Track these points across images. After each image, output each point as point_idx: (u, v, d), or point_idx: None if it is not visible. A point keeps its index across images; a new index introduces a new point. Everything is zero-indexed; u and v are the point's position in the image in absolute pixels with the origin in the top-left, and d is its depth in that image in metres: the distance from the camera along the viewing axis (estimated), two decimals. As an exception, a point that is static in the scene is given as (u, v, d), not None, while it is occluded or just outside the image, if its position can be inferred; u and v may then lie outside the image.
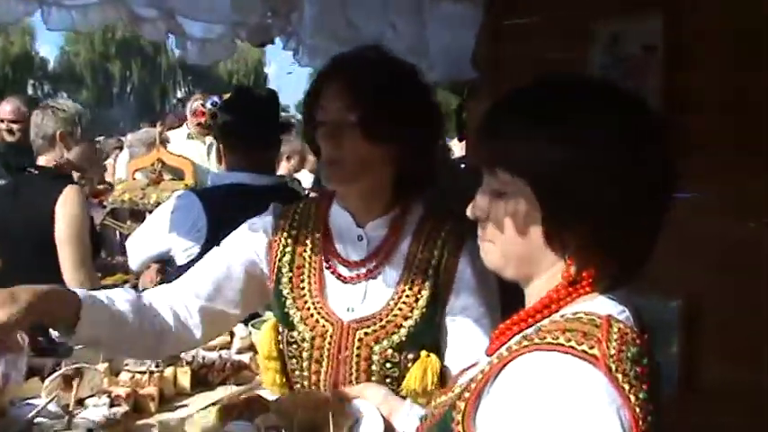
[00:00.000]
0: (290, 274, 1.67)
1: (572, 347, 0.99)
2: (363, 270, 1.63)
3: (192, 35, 2.32)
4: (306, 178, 6.98)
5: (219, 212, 2.60)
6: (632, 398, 0.96)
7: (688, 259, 2.26)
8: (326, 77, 1.59)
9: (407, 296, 1.60)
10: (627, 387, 0.97)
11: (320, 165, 1.65)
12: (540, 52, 2.76)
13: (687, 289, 2.49)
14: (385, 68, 1.59)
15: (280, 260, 1.69)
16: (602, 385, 0.96)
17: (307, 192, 5.66)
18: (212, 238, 2.46)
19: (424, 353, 1.58)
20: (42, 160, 3.13)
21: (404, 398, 1.56)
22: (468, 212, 1.16)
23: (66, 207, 2.96)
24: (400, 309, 1.60)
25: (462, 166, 3.57)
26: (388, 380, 1.60)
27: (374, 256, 1.63)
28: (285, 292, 1.68)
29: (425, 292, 1.59)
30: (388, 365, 1.59)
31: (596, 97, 1.11)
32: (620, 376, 0.97)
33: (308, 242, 1.69)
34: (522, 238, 1.10)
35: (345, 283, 1.64)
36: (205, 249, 2.53)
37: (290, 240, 1.70)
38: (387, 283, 1.62)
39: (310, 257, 1.67)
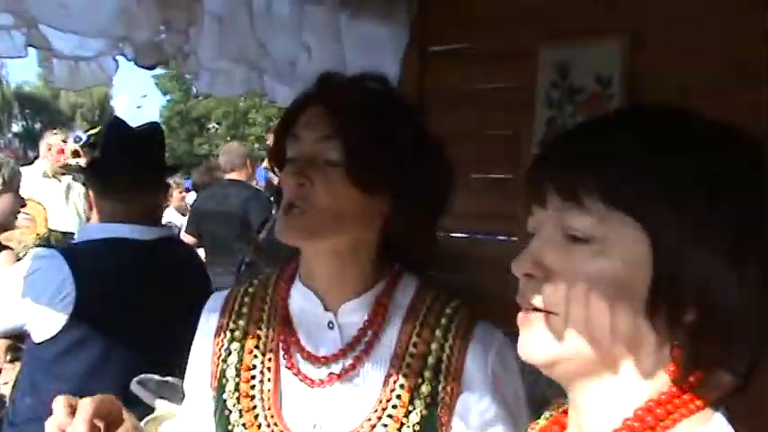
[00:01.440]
0: (237, 380, 1.27)
1: None
2: (336, 369, 1.23)
3: (60, 52, 1.80)
4: (171, 216, 6.49)
5: (93, 276, 2.17)
6: None
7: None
8: (306, 100, 1.25)
9: (395, 406, 1.19)
10: None
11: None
12: (475, 82, 2.45)
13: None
14: (385, 99, 1.26)
15: (224, 360, 1.29)
16: None
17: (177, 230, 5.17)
18: (82, 309, 2.14)
19: None
20: None
21: None
22: (516, 267, 0.81)
23: None
24: (385, 425, 1.18)
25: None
26: None
27: (350, 350, 1.23)
28: (230, 404, 1.25)
29: (419, 402, 1.19)
30: None
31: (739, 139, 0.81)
32: None
33: (259, 334, 1.28)
34: (612, 306, 0.75)
35: (312, 386, 1.23)
36: (73, 321, 2.14)
37: (236, 333, 1.30)
38: (367, 386, 1.22)
39: (264, 354, 1.27)
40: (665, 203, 0.75)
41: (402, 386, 1.19)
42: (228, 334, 1.30)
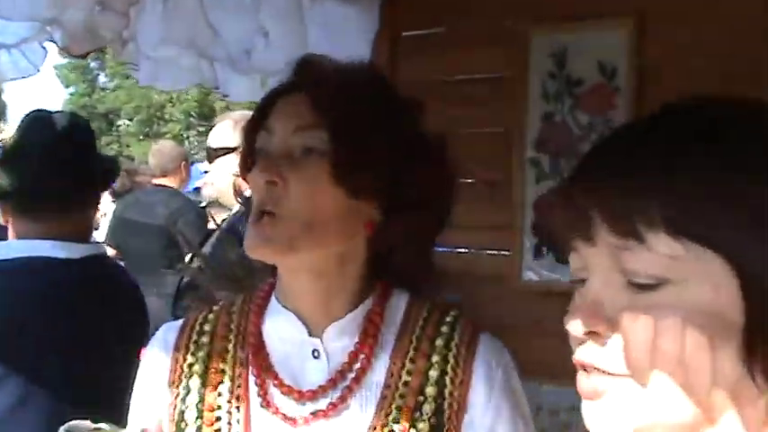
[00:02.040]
0: (199, 422, 1.14)
1: None
2: (323, 404, 1.11)
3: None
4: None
5: (8, 302, 1.95)
6: None
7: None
8: (281, 88, 1.15)
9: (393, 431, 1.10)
10: None
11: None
12: (456, 72, 2.25)
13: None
14: (376, 87, 1.15)
15: (183, 401, 1.16)
16: None
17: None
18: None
19: None
20: None
21: None
22: (575, 325, 0.69)
23: None
24: None
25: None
26: None
27: (340, 379, 1.12)
28: None
29: (423, 425, 1.10)
30: None
31: None
32: None
33: (224, 368, 1.16)
34: (710, 349, 0.64)
35: (295, 427, 1.11)
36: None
37: (195, 368, 1.17)
38: (360, 419, 1.11)
39: (231, 392, 1.15)
40: (750, 228, 0.65)
41: (399, 408, 1.09)
42: (186, 369, 1.17)
